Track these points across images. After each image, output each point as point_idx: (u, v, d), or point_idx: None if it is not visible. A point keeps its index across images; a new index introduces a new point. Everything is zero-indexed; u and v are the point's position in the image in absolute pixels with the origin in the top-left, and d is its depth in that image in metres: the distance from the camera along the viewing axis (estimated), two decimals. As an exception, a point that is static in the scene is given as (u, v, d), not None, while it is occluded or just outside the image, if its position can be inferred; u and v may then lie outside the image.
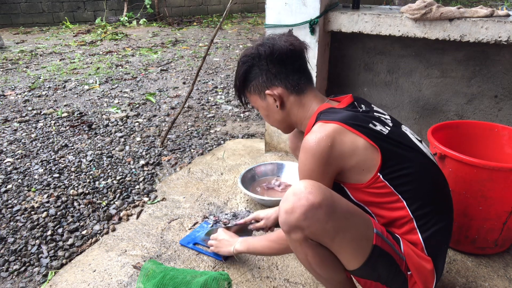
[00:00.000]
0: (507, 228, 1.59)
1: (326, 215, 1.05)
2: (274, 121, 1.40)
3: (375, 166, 1.14)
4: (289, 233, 1.11)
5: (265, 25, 2.23)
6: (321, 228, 1.06)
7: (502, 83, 2.09)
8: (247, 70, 1.33)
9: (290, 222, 1.08)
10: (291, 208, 1.06)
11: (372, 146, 1.13)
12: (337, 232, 1.07)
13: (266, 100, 1.33)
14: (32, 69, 4.85)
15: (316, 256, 1.15)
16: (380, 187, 1.15)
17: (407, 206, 1.16)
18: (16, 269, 1.68)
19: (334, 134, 1.13)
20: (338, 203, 1.09)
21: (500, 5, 9.17)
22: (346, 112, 1.20)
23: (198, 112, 3.48)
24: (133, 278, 1.58)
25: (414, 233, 1.17)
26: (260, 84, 1.32)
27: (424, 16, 1.94)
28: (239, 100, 1.42)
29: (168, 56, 5.40)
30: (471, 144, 1.80)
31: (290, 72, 1.30)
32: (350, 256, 1.13)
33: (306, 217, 1.05)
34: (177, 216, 1.98)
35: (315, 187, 1.07)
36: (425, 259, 1.17)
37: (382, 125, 1.20)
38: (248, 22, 8.20)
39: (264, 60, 1.29)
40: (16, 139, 2.93)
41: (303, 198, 1.05)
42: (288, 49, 1.28)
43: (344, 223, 1.08)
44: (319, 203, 1.04)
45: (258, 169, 2.26)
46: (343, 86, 2.48)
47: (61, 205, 2.10)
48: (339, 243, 1.10)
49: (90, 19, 8.04)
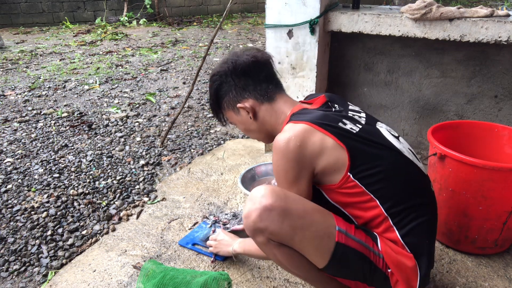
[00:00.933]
0: (507, 228, 1.59)
1: (280, 215, 1.11)
2: (253, 133, 1.43)
3: (345, 166, 1.15)
4: (253, 237, 1.18)
5: (265, 25, 2.23)
6: (278, 228, 1.12)
7: (502, 83, 2.09)
8: (217, 88, 1.37)
9: (249, 226, 1.15)
10: (248, 213, 1.14)
11: (339, 146, 1.14)
12: (294, 231, 1.12)
13: (240, 114, 1.37)
14: (32, 69, 4.85)
15: (284, 255, 1.19)
16: (351, 187, 1.16)
17: (380, 204, 1.16)
18: (16, 269, 1.68)
19: (303, 134, 1.15)
20: (294, 203, 1.13)
21: (500, 5, 9.17)
22: (316, 112, 1.22)
23: (198, 112, 3.48)
24: (133, 278, 1.58)
25: (392, 231, 1.18)
26: (232, 99, 1.36)
27: (424, 16, 1.94)
28: (218, 119, 1.46)
29: (168, 56, 5.40)
30: (471, 144, 1.80)
31: (257, 83, 1.34)
32: (314, 254, 1.16)
33: (261, 219, 1.12)
34: (177, 216, 1.98)
35: (268, 191, 1.13)
36: (406, 255, 1.17)
37: (353, 123, 1.21)
38: (248, 22, 8.20)
39: (230, 76, 1.33)
40: (16, 139, 2.93)
41: (257, 202, 1.12)
42: (250, 62, 1.33)
43: (300, 222, 1.12)
44: (271, 205, 1.11)
45: (258, 169, 2.26)
46: (343, 86, 2.48)
47: (61, 205, 2.10)
48: (299, 241, 1.14)
49: (90, 19, 8.04)
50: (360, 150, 1.16)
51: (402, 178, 1.20)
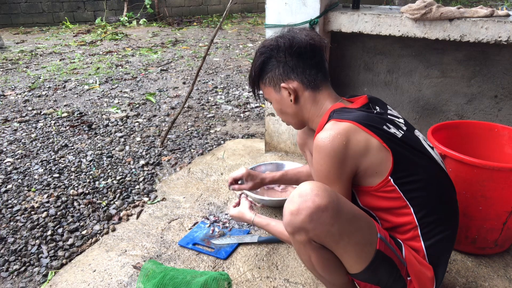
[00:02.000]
0: (507, 228, 1.59)
1: (332, 218, 1.04)
2: (287, 116, 1.37)
3: (387, 169, 1.12)
4: (293, 235, 1.10)
5: (265, 25, 2.23)
6: (326, 231, 1.05)
7: (502, 83, 2.09)
8: (264, 61, 1.31)
9: (295, 224, 1.07)
10: (297, 210, 1.05)
11: (385, 148, 1.11)
12: (341, 236, 1.07)
13: (281, 93, 1.31)
14: (32, 69, 4.85)
15: (320, 258, 1.14)
16: (389, 191, 1.14)
17: (413, 213, 1.14)
18: (16, 269, 1.68)
19: (348, 132, 1.11)
20: (344, 207, 1.07)
21: (500, 5, 9.17)
22: (359, 112, 1.18)
23: (198, 112, 3.48)
24: (133, 278, 1.58)
25: (418, 240, 1.16)
26: (276, 76, 1.30)
27: (424, 16, 1.94)
28: (252, 92, 1.40)
29: (168, 56, 5.40)
30: (471, 144, 1.80)
31: (307, 67, 1.27)
32: (353, 260, 1.12)
33: (311, 219, 1.04)
34: (177, 216, 1.98)
35: (321, 189, 1.05)
36: (426, 266, 1.16)
37: (396, 128, 1.18)
38: (248, 22, 8.20)
39: (283, 52, 1.27)
40: (16, 139, 2.93)
41: (309, 200, 1.04)
42: (307, 43, 1.26)
43: (349, 226, 1.07)
44: (325, 206, 1.03)
45: (258, 169, 2.26)
46: (343, 86, 2.48)
47: (61, 205, 2.10)
48: (343, 246, 1.09)
49: (90, 19, 8.04)
50: (404, 156, 1.13)
51: (438, 189, 1.18)
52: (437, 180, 1.19)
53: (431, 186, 1.16)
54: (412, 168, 1.14)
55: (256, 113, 3.45)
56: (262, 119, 3.30)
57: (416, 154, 1.16)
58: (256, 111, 3.50)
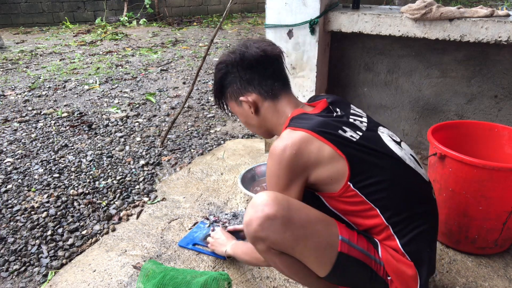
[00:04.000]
0: (507, 228, 1.59)
1: (282, 225, 1.08)
2: (252, 127, 1.41)
3: (344, 175, 1.12)
4: (254, 244, 1.16)
5: (265, 25, 2.23)
6: (280, 238, 1.09)
7: (502, 83, 2.09)
8: (222, 77, 1.34)
9: (250, 234, 1.12)
10: (249, 221, 1.11)
11: (338, 155, 1.11)
12: (296, 241, 1.10)
13: (242, 107, 1.34)
14: (32, 69, 4.85)
15: (284, 263, 1.17)
16: (351, 196, 1.14)
17: (380, 214, 1.14)
18: (16, 269, 1.68)
19: (300, 142, 1.13)
20: (296, 213, 1.10)
21: (500, 5, 9.17)
22: (316, 118, 1.18)
23: (198, 112, 3.48)
24: (133, 278, 1.58)
25: (392, 239, 1.16)
26: (235, 90, 1.32)
27: (424, 16, 1.94)
28: (220, 108, 1.43)
29: (168, 56, 5.40)
30: (471, 144, 1.80)
31: (263, 78, 1.29)
32: (315, 264, 1.14)
33: (262, 228, 1.08)
34: (177, 216, 1.98)
35: (271, 199, 1.09)
36: (406, 263, 1.16)
37: (353, 131, 1.18)
38: (248, 22, 8.20)
39: (236, 67, 1.29)
40: (16, 139, 2.93)
41: (259, 210, 1.09)
42: (259, 56, 1.27)
43: (303, 232, 1.10)
44: (274, 215, 1.07)
45: (258, 169, 2.26)
46: (343, 86, 2.48)
47: (61, 205, 2.10)
48: (300, 251, 1.12)
49: (90, 19, 8.04)
50: (360, 159, 1.13)
51: (403, 187, 1.17)
52: (402, 178, 1.18)
53: (394, 185, 1.15)
54: (370, 171, 1.14)
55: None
56: (262, 119, 3.30)
57: (375, 155, 1.15)
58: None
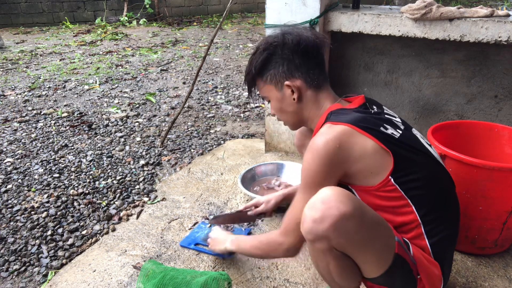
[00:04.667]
0: (507, 228, 1.59)
1: (356, 226, 1.01)
2: (286, 115, 1.34)
3: (386, 170, 1.11)
4: (314, 242, 1.06)
5: (265, 25, 2.23)
6: (349, 238, 1.02)
7: (502, 83, 2.09)
8: (267, 58, 1.27)
9: (318, 232, 1.02)
10: (320, 218, 1.00)
11: (383, 150, 1.10)
12: (364, 243, 1.05)
13: (283, 91, 1.28)
14: (32, 69, 4.85)
15: (339, 266, 1.11)
16: (390, 190, 1.13)
17: (415, 211, 1.13)
18: (16, 269, 1.68)
19: (343, 136, 1.10)
20: (367, 213, 1.05)
21: (500, 5, 9.17)
22: (356, 113, 1.17)
23: (198, 112, 3.48)
24: (133, 278, 1.58)
25: (422, 238, 1.16)
26: (280, 74, 1.26)
27: (424, 16, 1.94)
28: (248, 89, 1.35)
29: (168, 56, 5.40)
30: (471, 144, 1.80)
31: (311, 66, 1.26)
32: (373, 265, 1.11)
33: (335, 228, 1.00)
34: (177, 216, 1.98)
35: (345, 196, 1.02)
36: (434, 264, 1.16)
37: (394, 128, 1.17)
38: (248, 22, 8.20)
39: (289, 49, 1.24)
40: (16, 139, 2.93)
41: (333, 207, 0.99)
42: (314, 42, 1.25)
43: (371, 233, 1.05)
44: (350, 214, 0.99)
45: (258, 169, 2.26)
46: (343, 86, 2.48)
47: (61, 205, 2.10)
48: (364, 253, 1.07)
49: (90, 19, 8.04)
50: (402, 156, 1.12)
51: (438, 186, 1.18)
52: (437, 178, 1.19)
53: (431, 183, 1.15)
54: (412, 167, 1.13)
55: (256, 113, 3.45)
56: (262, 119, 3.30)
57: (415, 152, 1.15)
58: (256, 111, 3.50)
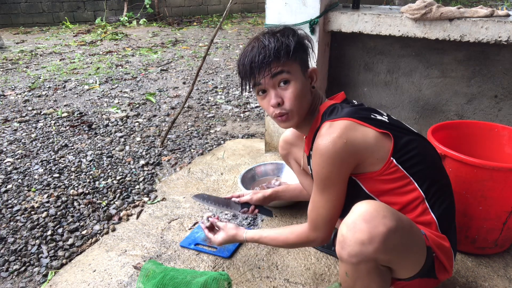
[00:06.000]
0: (507, 228, 1.59)
1: (401, 236, 0.98)
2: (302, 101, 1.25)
3: (387, 152, 1.14)
4: (358, 264, 1.01)
5: (265, 25, 2.23)
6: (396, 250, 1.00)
7: (502, 83, 2.09)
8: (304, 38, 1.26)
9: (367, 254, 0.97)
10: (369, 239, 0.95)
11: (383, 134, 1.14)
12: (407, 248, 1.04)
13: (305, 76, 1.26)
14: (32, 69, 4.85)
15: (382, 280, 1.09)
16: (392, 172, 1.15)
17: (418, 186, 1.16)
18: (16, 269, 1.68)
19: (347, 130, 1.13)
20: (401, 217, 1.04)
21: (500, 5, 9.17)
22: (347, 108, 1.22)
23: (198, 112, 3.48)
24: (133, 278, 1.58)
25: (427, 213, 1.18)
26: (309, 60, 1.29)
27: (424, 16, 1.94)
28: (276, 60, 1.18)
29: (168, 56, 5.40)
30: (471, 144, 1.80)
31: None
32: (414, 265, 1.11)
33: (385, 245, 0.95)
34: (177, 216, 1.98)
35: (384, 208, 0.98)
36: (442, 237, 1.18)
37: (380, 115, 1.23)
38: (248, 22, 8.20)
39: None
40: (16, 139, 2.93)
41: (379, 224, 0.95)
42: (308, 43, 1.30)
43: (410, 236, 1.05)
44: (396, 226, 0.96)
45: (258, 169, 2.26)
46: (343, 86, 2.48)
47: (61, 205, 2.10)
48: (407, 257, 1.07)
49: (90, 19, 8.04)
50: (399, 136, 1.16)
51: (431, 158, 1.22)
52: (429, 151, 1.24)
53: (426, 157, 1.20)
54: (408, 145, 1.17)
55: (256, 113, 3.45)
56: (262, 119, 3.30)
57: (405, 132, 1.20)
58: (256, 111, 3.50)
